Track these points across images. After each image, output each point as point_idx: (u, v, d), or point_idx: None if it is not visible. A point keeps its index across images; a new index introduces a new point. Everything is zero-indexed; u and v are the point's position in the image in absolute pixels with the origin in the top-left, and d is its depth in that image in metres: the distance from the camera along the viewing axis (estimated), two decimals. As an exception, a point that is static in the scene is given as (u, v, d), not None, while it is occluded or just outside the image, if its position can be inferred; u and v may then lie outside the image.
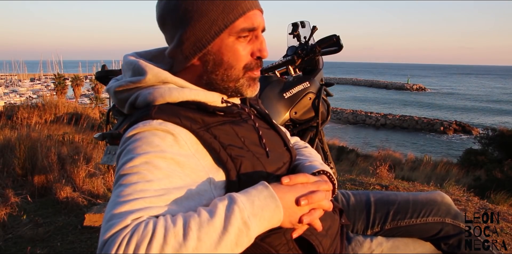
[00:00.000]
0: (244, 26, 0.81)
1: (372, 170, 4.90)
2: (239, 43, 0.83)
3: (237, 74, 0.85)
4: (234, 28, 0.81)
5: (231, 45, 0.82)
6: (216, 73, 0.84)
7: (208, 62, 0.84)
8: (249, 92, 0.88)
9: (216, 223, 0.61)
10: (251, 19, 0.82)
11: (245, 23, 0.81)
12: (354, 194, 1.13)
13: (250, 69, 0.86)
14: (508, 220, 2.73)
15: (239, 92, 0.87)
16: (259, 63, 0.87)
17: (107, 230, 0.60)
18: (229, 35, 0.82)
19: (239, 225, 0.62)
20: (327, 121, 1.98)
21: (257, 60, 0.86)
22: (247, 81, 0.87)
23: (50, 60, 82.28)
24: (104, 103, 19.13)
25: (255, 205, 0.65)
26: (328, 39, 1.83)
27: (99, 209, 2.60)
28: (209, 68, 0.84)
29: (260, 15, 0.85)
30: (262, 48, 0.85)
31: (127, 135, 0.75)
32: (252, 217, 0.64)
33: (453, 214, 1.05)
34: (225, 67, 0.84)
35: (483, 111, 39.75)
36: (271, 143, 0.89)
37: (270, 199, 0.67)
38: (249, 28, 0.82)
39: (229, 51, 0.83)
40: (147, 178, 0.66)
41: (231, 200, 0.65)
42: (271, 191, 0.68)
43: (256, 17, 0.83)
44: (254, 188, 0.69)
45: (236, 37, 0.82)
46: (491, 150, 11.92)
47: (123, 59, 0.89)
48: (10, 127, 5.30)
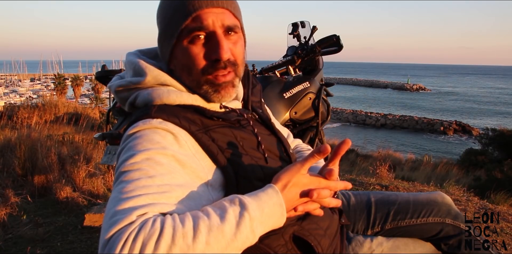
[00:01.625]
0: (193, 26, 0.77)
1: (372, 170, 4.90)
2: (193, 46, 0.79)
3: (198, 79, 0.81)
4: (185, 30, 0.78)
5: (185, 48, 0.79)
6: (183, 78, 0.83)
7: (175, 66, 0.84)
8: (215, 98, 0.82)
9: (226, 229, 0.59)
10: (200, 18, 0.77)
11: (194, 23, 0.77)
12: (354, 194, 1.13)
13: (209, 73, 0.80)
14: (508, 220, 2.73)
15: (206, 98, 0.83)
16: (220, 66, 0.79)
17: (110, 226, 0.57)
18: (184, 38, 0.79)
19: (248, 233, 0.61)
20: (327, 121, 1.98)
21: (215, 63, 0.79)
22: (211, 88, 0.81)
23: (50, 60, 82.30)
24: (104, 103, 19.13)
25: (264, 213, 0.64)
26: (328, 39, 1.83)
27: (99, 209, 2.60)
28: (178, 74, 0.84)
29: (217, 13, 0.78)
30: (218, 48, 0.78)
31: (128, 133, 0.75)
32: (259, 225, 0.63)
33: (453, 215, 1.05)
34: (186, 71, 0.81)
35: (483, 111, 39.74)
36: (271, 148, 0.88)
37: (278, 207, 0.66)
38: (198, 27, 0.77)
39: (185, 55, 0.80)
40: (149, 174, 0.65)
41: (243, 206, 0.63)
42: (280, 198, 0.67)
43: (207, 16, 0.77)
44: (264, 192, 0.67)
45: (189, 40, 0.79)
46: (491, 150, 11.92)
47: (126, 56, 0.90)
48: (10, 127, 5.30)
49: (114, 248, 0.55)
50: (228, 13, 0.80)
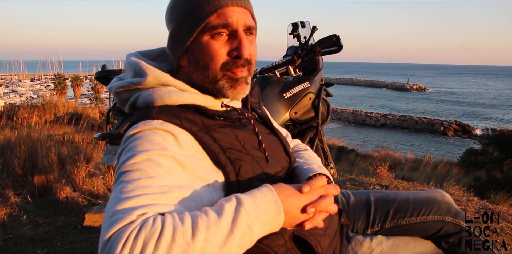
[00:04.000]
0: (217, 23, 0.79)
1: (372, 170, 4.90)
2: (215, 42, 0.80)
3: (214, 74, 0.82)
4: (208, 26, 0.79)
5: (205, 44, 0.80)
6: (196, 73, 0.83)
7: (189, 62, 0.84)
8: (230, 94, 0.84)
9: (223, 224, 0.60)
10: (225, 15, 0.79)
11: (218, 20, 0.79)
12: (354, 194, 1.13)
13: (228, 69, 0.82)
14: (508, 220, 2.73)
15: (221, 94, 0.84)
16: (240, 63, 0.82)
17: (111, 225, 0.57)
18: (204, 33, 0.80)
19: (244, 228, 0.61)
20: (327, 121, 1.98)
21: (235, 59, 0.81)
22: (228, 83, 0.83)
23: (50, 60, 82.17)
24: (104, 103, 19.13)
25: (260, 209, 0.65)
26: (328, 39, 1.83)
27: (99, 209, 2.60)
28: (191, 69, 0.84)
29: (240, 12, 0.81)
30: (240, 46, 0.80)
31: (128, 134, 0.75)
32: (256, 220, 0.64)
33: (453, 213, 1.05)
34: (202, 67, 0.82)
35: (483, 111, 39.73)
36: (271, 147, 0.88)
37: (273, 204, 0.67)
38: (222, 24, 0.79)
39: (204, 50, 0.81)
40: (149, 174, 0.65)
41: (238, 202, 0.64)
42: (275, 195, 0.68)
43: (232, 14, 0.79)
44: (259, 190, 0.69)
45: (211, 36, 0.80)
46: (491, 150, 11.91)
47: (125, 58, 0.90)
48: (10, 127, 5.30)
49: (115, 248, 0.55)
50: (249, 14, 0.83)
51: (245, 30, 0.82)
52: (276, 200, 0.67)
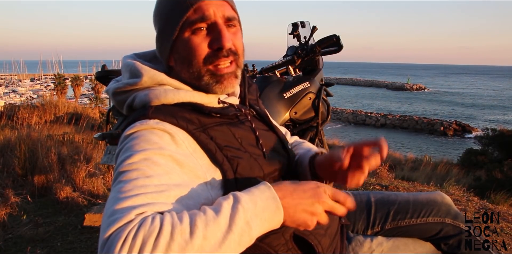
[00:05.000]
0: (195, 18, 0.79)
1: (372, 170, 4.89)
2: (195, 37, 0.80)
3: (198, 70, 0.82)
4: (187, 22, 0.79)
5: (187, 40, 0.81)
6: (183, 71, 0.84)
7: (176, 61, 0.84)
8: (218, 89, 0.83)
9: (221, 222, 0.60)
10: (201, 9, 0.79)
11: (196, 14, 0.79)
12: (354, 194, 1.13)
13: (211, 62, 0.81)
14: (508, 220, 2.73)
15: (210, 90, 0.84)
16: (222, 54, 0.81)
17: (109, 225, 0.58)
18: (185, 30, 0.80)
19: (242, 225, 0.61)
20: (327, 121, 1.99)
21: (217, 51, 0.80)
22: (212, 79, 0.82)
23: (50, 60, 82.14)
24: (104, 103, 19.12)
25: (258, 206, 0.65)
26: (328, 39, 1.83)
27: (99, 209, 2.60)
28: (178, 68, 0.84)
29: (218, 5, 0.80)
30: (220, 36, 0.79)
31: (125, 134, 0.76)
32: (254, 217, 0.63)
33: (453, 215, 1.05)
34: (187, 64, 0.82)
35: (483, 111, 39.73)
36: (269, 144, 0.89)
37: (271, 200, 0.67)
38: (200, 18, 0.79)
39: (186, 47, 0.81)
40: (147, 174, 0.65)
41: (236, 199, 0.64)
42: (273, 192, 0.68)
43: (208, 7, 0.79)
44: (256, 188, 0.69)
45: (191, 32, 0.80)
46: (491, 150, 11.91)
47: (122, 60, 0.90)
48: (10, 127, 5.30)
49: (113, 247, 0.55)
50: (227, 6, 0.83)
51: (226, 22, 0.82)
52: (274, 197, 0.67)
